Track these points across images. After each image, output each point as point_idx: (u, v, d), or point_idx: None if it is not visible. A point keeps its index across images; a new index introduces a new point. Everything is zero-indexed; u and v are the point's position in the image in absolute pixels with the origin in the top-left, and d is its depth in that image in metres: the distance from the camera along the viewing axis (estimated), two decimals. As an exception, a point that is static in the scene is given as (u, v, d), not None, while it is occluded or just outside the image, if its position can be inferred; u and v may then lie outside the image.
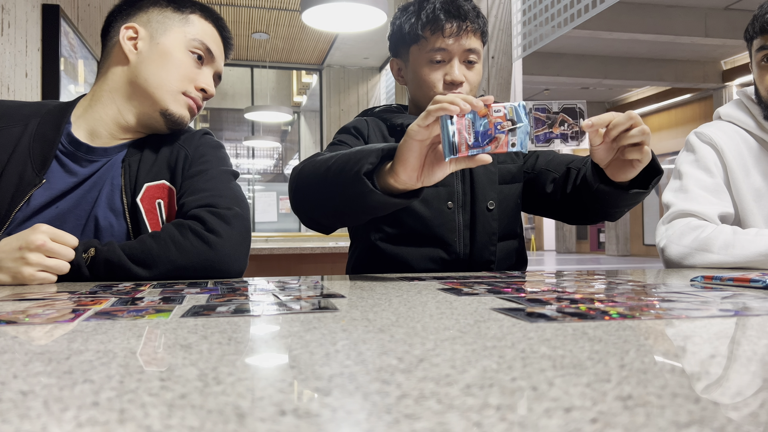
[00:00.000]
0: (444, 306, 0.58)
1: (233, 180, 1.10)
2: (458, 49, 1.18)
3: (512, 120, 0.81)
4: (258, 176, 12.51)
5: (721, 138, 1.32)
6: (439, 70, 1.19)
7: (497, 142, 0.81)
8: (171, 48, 1.07)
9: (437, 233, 1.17)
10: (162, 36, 1.07)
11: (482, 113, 0.81)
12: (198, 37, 1.10)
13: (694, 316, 0.51)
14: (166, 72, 1.07)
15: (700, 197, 1.26)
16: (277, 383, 0.31)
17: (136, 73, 1.07)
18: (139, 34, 1.07)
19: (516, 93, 3.34)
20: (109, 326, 0.47)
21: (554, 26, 3.10)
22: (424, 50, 1.20)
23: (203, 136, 1.15)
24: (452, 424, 0.24)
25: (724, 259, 1.14)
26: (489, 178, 1.22)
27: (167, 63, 1.07)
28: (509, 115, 0.82)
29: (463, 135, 0.80)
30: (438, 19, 1.17)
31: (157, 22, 1.08)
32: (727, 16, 7.69)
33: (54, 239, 0.88)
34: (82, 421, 0.24)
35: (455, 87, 1.19)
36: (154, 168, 1.06)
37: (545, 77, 9.64)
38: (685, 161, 1.35)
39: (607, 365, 0.33)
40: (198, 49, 1.09)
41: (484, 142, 0.81)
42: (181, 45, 1.08)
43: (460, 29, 1.17)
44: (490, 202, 1.20)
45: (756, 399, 0.28)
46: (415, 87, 1.24)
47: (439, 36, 1.17)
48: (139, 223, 1.01)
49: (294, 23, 7.09)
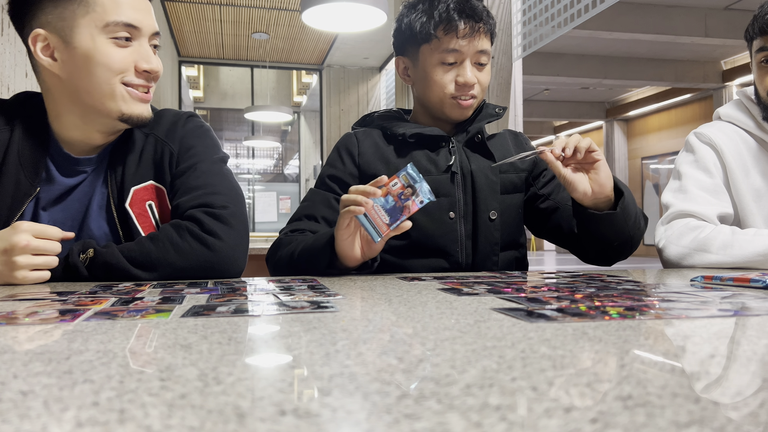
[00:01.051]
0: (444, 306, 0.58)
1: (224, 168, 1.06)
2: (471, 51, 1.17)
3: (411, 185, 0.94)
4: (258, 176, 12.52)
5: (720, 138, 1.32)
6: (451, 71, 1.18)
7: (408, 208, 0.94)
8: (89, 48, 0.92)
9: (439, 244, 1.16)
10: (73, 37, 0.92)
11: (383, 194, 0.94)
12: (110, 18, 0.93)
13: (693, 316, 0.51)
14: (98, 77, 0.93)
15: (699, 198, 1.26)
16: (277, 383, 0.31)
17: (72, 89, 0.96)
18: (50, 42, 0.93)
19: (516, 93, 3.34)
20: (109, 326, 0.47)
21: (554, 26, 3.10)
22: (437, 51, 1.18)
23: (186, 124, 1.08)
24: (452, 424, 0.24)
25: (723, 259, 1.14)
26: (491, 188, 1.21)
27: (94, 66, 0.93)
28: (406, 183, 0.94)
29: (379, 219, 0.94)
30: (452, 20, 1.15)
31: (60, 20, 0.92)
32: (727, 16, 7.69)
33: (37, 235, 0.87)
34: (82, 421, 0.24)
35: (467, 89, 1.18)
36: (140, 170, 1.03)
37: (545, 77, 9.64)
38: (685, 161, 1.35)
39: (607, 365, 0.33)
40: (118, 32, 0.93)
41: (398, 215, 0.94)
42: (99, 37, 0.93)
43: (474, 30, 1.16)
44: (492, 212, 1.19)
45: (756, 399, 0.28)
46: (424, 87, 1.23)
47: (453, 36, 1.16)
48: (131, 228, 1.00)
49: (294, 23, 7.09)
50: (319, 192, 1.22)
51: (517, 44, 3.32)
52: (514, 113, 3.32)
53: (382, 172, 1.19)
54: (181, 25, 7.30)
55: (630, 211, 1.08)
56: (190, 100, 9.95)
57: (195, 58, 8.62)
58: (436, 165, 1.20)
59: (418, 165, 1.19)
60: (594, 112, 13.23)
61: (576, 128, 14.59)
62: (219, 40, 7.82)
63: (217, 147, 1.09)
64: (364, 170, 1.22)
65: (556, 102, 12.81)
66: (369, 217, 0.94)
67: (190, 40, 7.87)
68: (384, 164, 1.21)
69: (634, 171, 13.30)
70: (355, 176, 1.22)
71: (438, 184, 1.18)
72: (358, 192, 0.96)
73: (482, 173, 1.20)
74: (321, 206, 1.19)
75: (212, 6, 6.64)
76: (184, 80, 8.95)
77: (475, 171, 1.20)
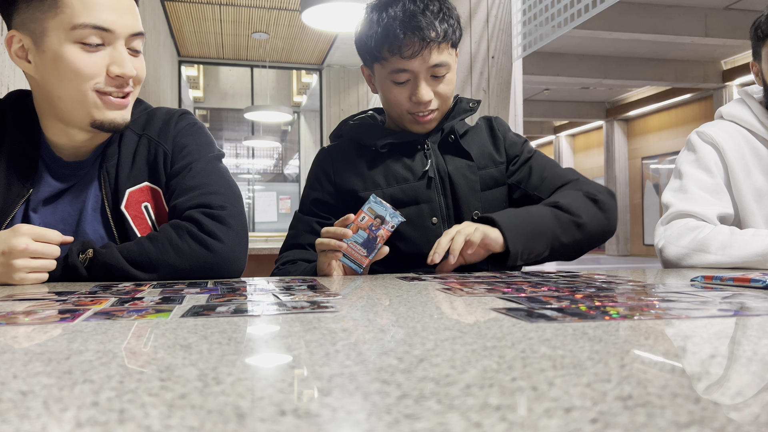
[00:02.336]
0: (444, 306, 0.58)
1: (219, 165, 1.05)
2: (422, 68, 1.11)
3: (378, 216, 0.99)
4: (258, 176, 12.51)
5: (722, 137, 1.32)
6: (404, 90, 1.14)
7: (381, 237, 0.99)
8: (57, 51, 0.88)
9: (426, 251, 1.12)
10: (44, 39, 0.89)
11: (354, 231, 0.98)
12: (78, 20, 0.87)
13: (694, 316, 0.51)
14: (67, 82, 0.90)
15: (699, 198, 1.26)
16: (277, 383, 0.31)
17: (46, 93, 0.93)
18: (24, 43, 0.90)
19: (516, 93, 3.34)
20: (109, 326, 0.47)
21: (554, 26, 3.10)
22: (386, 70, 1.13)
23: (178, 123, 1.06)
24: (452, 424, 0.24)
25: (721, 259, 1.14)
26: (471, 188, 1.19)
27: (63, 72, 0.89)
28: (373, 215, 0.99)
29: (356, 254, 0.99)
30: (395, 38, 1.08)
31: (32, 21, 0.88)
32: (727, 16, 7.69)
33: (36, 238, 0.87)
34: (82, 421, 0.24)
35: (424, 106, 1.15)
36: (134, 172, 1.02)
37: (545, 77, 9.64)
38: (686, 161, 1.34)
39: (607, 365, 0.33)
40: (84, 36, 0.88)
41: (373, 245, 0.99)
42: (68, 41, 0.88)
43: (421, 48, 1.09)
44: (476, 212, 1.17)
45: (756, 399, 0.28)
46: (384, 102, 1.21)
47: (398, 57, 1.10)
48: (127, 230, 0.99)
49: (294, 23, 7.09)
50: (302, 219, 1.23)
51: (517, 44, 3.32)
52: (514, 113, 3.32)
53: (357, 186, 1.19)
54: (181, 25, 7.30)
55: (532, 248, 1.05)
56: (189, 100, 9.94)
57: (195, 58, 8.62)
58: (412, 172, 1.19)
59: (394, 173, 1.18)
60: (594, 112, 13.23)
61: (576, 128, 14.61)
62: (219, 40, 7.82)
63: (212, 144, 1.08)
64: (339, 186, 1.21)
65: (556, 102, 12.82)
66: (347, 254, 0.98)
67: (190, 40, 7.87)
68: (359, 178, 1.20)
69: (634, 171, 13.30)
70: (333, 194, 1.22)
71: (416, 191, 1.17)
72: (329, 235, 0.99)
73: (460, 174, 1.19)
74: (306, 234, 1.20)
75: (212, 6, 6.64)
76: (183, 80, 8.94)
77: (453, 172, 1.19)
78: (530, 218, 1.07)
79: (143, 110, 1.08)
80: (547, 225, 1.07)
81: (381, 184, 1.18)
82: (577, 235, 1.09)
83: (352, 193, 1.19)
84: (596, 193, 1.14)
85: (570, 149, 15.51)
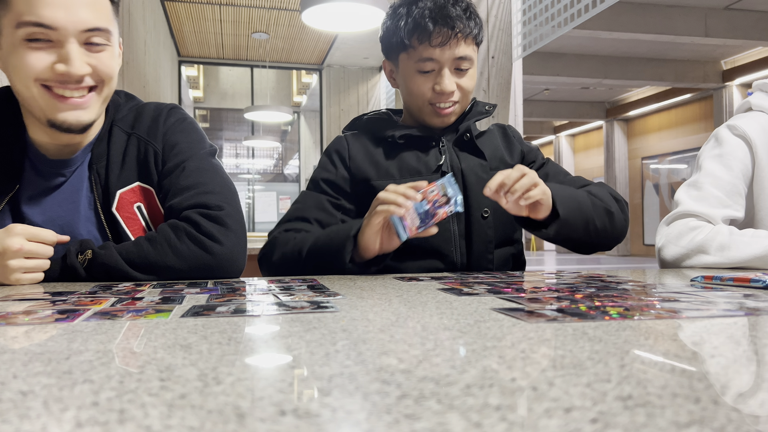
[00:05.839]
0: (444, 306, 0.58)
1: (213, 162, 1.04)
2: (448, 58, 1.15)
3: (446, 195, 0.96)
4: (258, 176, 12.51)
5: (755, 130, 1.28)
6: (428, 79, 1.17)
7: (438, 216, 0.96)
8: (10, 49, 0.87)
9: (433, 244, 1.15)
10: (1, 38, 0.89)
11: (420, 200, 0.95)
12: (22, 17, 0.85)
13: (694, 316, 0.51)
14: (18, 80, 0.89)
15: (710, 197, 1.23)
16: (277, 383, 0.31)
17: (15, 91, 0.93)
18: None
19: (516, 93, 3.34)
20: (109, 326, 0.47)
21: (554, 26, 3.10)
22: (413, 59, 1.17)
23: (167, 119, 1.04)
24: (452, 424, 0.24)
25: (720, 260, 1.13)
26: (482, 186, 1.17)
27: (13, 69, 0.88)
28: (442, 191, 0.96)
29: (410, 221, 0.95)
30: (425, 28, 1.13)
31: None
32: (727, 16, 7.69)
33: (30, 239, 0.86)
34: (82, 421, 0.24)
35: (446, 96, 1.17)
36: (124, 173, 1.00)
37: (545, 77, 9.65)
38: (709, 155, 1.31)
39: (607, 365, 0.33)
40: (29, 34, 0.85)
41: (428, 220, 0.96)
42: (15, 38, 0.86)
43: (449, 38, 1.13)
44: (485, 210, 1.18)
45: (756, 399, 0.28)
46: (406, 94, 1.23)
47: (427, 45, 1.14)
48: (120, 232, 0.98)
49: (294, 23, 7.09)
50: (311, 194, 1.22)
51: (517, 44, 3.32)
52: (514, 113, 3.32)
53: (372, 175, 1.19)
54: (181, 25, 7.30)
55: (573, 222, 1.05)
56: (189, 100, 9.95)
57: (195, 58, 8.62)
58: (426, 165, 1.20)
59: (408, 166, 1.19)
60: (594, 112, 13.24)
61: (576, 128, 14.61)
62: (219, 40, 7.82)
63: (203, 140, 1.06)
64: (354, 173, 1.21)
65: (556, 102, 12.82)
66: (401, 217, 0.95)
67: (189, 40, 7.88)
68: (374, 167, 1.20)
69: (634, 171, 13.31)
70: (346, 179, 1.22)
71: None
72: (398, 193, 0.96)
73: (473, 172, 1.20)
74: (314, 209, 1.19)
75: (212, 6, 6.64)
76: (183, 80, 8.95)
77: (466, 170, 1.20)
78: (574, 194, 1.09)
79: (132, 107, 1.06)
80: (587, 206, 1.09)
81: (395, 175, 1.19)
82: (606, 223, 1.11)
83: (365, 182, 1.19)
84: (617, 195, 1.19)
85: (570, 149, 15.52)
